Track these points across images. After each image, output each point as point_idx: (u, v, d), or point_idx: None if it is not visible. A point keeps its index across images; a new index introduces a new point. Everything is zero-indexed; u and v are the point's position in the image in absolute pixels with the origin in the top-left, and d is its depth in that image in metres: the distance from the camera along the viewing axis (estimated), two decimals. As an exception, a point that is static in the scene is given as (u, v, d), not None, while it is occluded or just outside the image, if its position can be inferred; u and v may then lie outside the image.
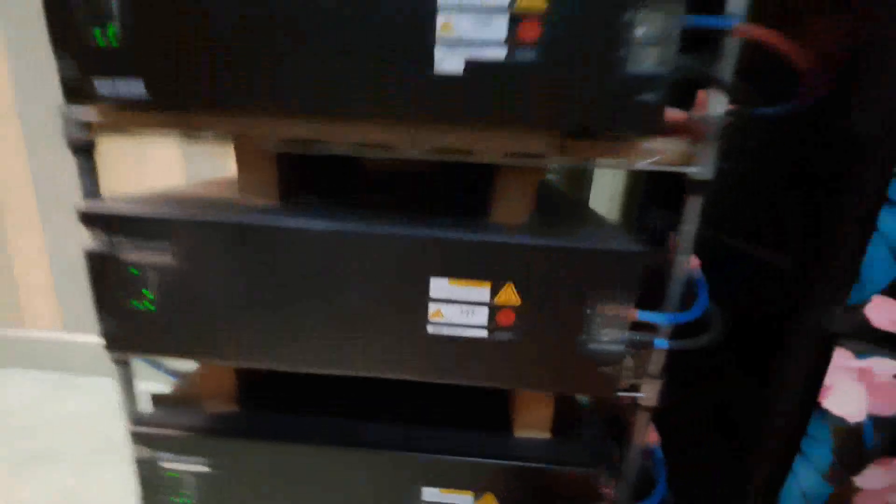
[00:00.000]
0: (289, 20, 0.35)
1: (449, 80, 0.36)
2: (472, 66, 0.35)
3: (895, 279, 0.34)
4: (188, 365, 0.58)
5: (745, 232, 0.51)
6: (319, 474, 0.48)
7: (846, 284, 0.36)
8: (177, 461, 0.48)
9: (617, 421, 0.55)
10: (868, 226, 0.34)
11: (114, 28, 0.35)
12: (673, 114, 0.44)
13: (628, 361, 0.51)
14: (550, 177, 0.84)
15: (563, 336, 0.41)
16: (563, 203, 0.58)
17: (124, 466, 0.80)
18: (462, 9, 0.34)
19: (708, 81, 0.37)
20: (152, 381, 0.63)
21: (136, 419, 0.48)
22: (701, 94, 0.40)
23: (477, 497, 0.48)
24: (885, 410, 0.36)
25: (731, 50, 0.37)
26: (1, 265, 1.00)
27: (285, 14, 0.35)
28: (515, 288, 0.40)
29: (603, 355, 0.41)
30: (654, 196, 0.75)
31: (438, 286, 0.40)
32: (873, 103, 0.35)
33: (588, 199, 0.85)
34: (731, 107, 0.43)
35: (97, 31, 0.36)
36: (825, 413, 0.38)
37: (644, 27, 0.33)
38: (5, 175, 0.94)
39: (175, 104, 0.38)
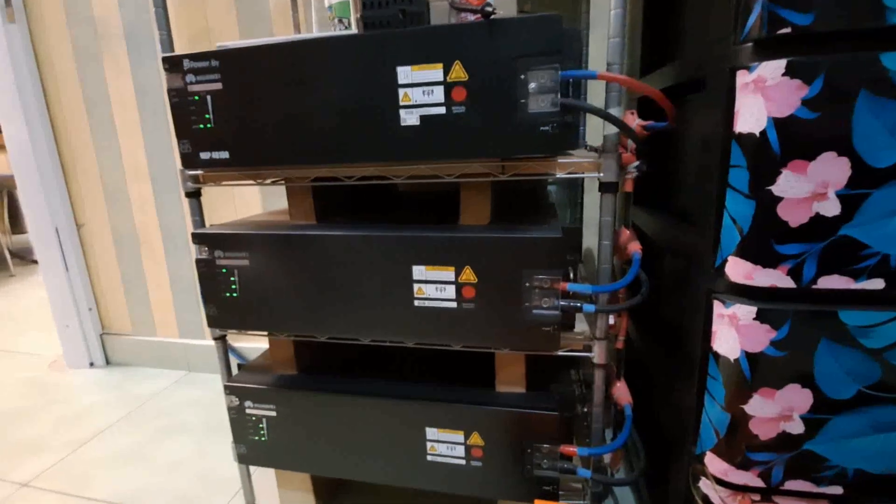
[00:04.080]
0: (311, 108, 0.55)
1: (411, 129, 0.53)
2: (425, 120, 0.52)
3: (738, 243, 0.44)
4: (259, 351, 0.79)
5: (672, 217, 0.62)
6: (354, 417, 0.65)
7: (713, 250, 0.47)
8: (255, 408, 0.68)
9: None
10: (720, 204, 0.45)
11: (210, 124, 0.58)
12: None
13: (586, 330, 0.64)
14: (550, 187, 0.97)
15: (510, 304, 0.55)
16: (530, 207, 0.72)
17: (230, 438, 1.04)
18: (414, 85, 0.52)
19: (594, 112, 0.50)
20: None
21: (229, 378, 0.70)
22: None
23: (466, 435, 0.62)
24: (753, 347, 0.45)
25: (613, 88, 0.51)
26: (139, 288, 1.32)
27: (308, 104, 0.55)
28: (472, 270, 0.55)
29: (543, 318, 0.55)
30: (635, 196, 0.86)
31: (418, 271, 0.57)
32: (713, 115, 0.47)
33: (581, 200, 0.97)
34: (640, 123, 0.56)
35: (200, 126, 0.58)
36: (715, 354, 0.48)
37: (534, 82, 0.49)
38: (142, 218, 1.27)
39: (246, 163, 0.59)
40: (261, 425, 0.68)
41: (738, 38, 0.42)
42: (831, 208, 0.41)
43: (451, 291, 0.56)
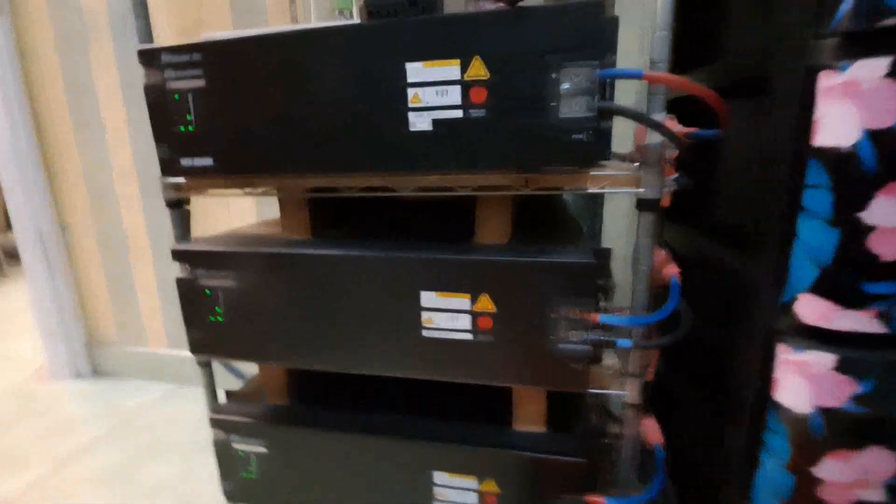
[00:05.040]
0: (306, 110, 0.48)
1: (421, 135, 0.46)
2: (438, 124, 0.45)
3: (817, 278, 0.37)
4: (254, 368, 0.72)
5: (712, 238, 0.54)
6: (353, 457, 0.58)
7: (778, 285, 0.39)
8: (244, 443, 0.61)
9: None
10: (789, 231, 0.38)
11: (192, 126, 0.51)
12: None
13: (614, 362, 0.56)
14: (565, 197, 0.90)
15: (534, 337, 0.48)
16: (551, 223, 0.65)
17: (215, 458, 0.97)
18: (426, 84, 0.44)
19: (638, 118, 0.43)
20: (228, 384, 0.79)
21: (214, 408, 0.63)
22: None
23: (480, 481, 0.55)
24: (829, 402, 0.38)
25: (657, 90, 0.43)
26: (127, 295, 1.25)
27: (303, 105, 0.48)
28: (491, 297, 0.48)
29: (571, 353, 0.48)
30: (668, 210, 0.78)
31: (428, 297, 0.50)
32: (778, 125, 0.39)
33: (601, 211, 0.89)
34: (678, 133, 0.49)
35: (181, 128, 0.51)
36: (778, 406, 0.41)
37: (568, 82, 0.41)
38: (129, 221, 1.20)
39: (232, 171, 0.52)
40: (250, 462, 0.61)
41: (822, 31, 0.34)
42: (937, 240, 0.33)
43: (465, 321, 0.49)
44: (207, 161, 0.52)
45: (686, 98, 0.55)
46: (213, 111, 0.51)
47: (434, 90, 0.44)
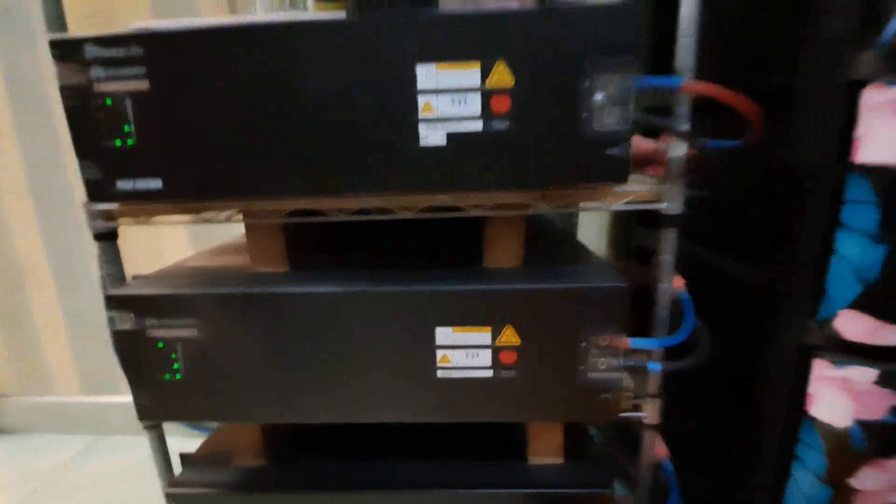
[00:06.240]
0: (288, 121, 0.39)
1: (434, 151, 0.39)
2: (455, 139, 0.39)
3: (859, 295, 0.37)
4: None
5: (726, 252, 0.54)
6: (348, 518, 0.50)
7: (813, 300, 0.39)
8: (213, 519, 0.51)
9: (628, 435, 0.58)
10: (826, 247, 0.37)
11: (131, 139, 0.40)
12: (644, 145, 0.47)
13: (628, 383, 0.54)
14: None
15: (562, 369, 0.44)
16: (551, 238, 0.61)
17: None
18: (440, 91, 0.38)
19: (667, 129, 0.40)
20: (179, 435, 0.67)
21: (170, 481, 0.51)
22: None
23: (498, 526, 0.50)
24: (870, 415, 0.39)
25: (685, 100, 0.41)
26: (26, 335, 1.04)
27: (284, 114, 0.39)
28: (514, 329, 0.43)
29: (602, 383, 0.44)
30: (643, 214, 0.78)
31: (443, 334, 0.43)
32: (812, 139, 0.39)
33: (576, 220, 0.88)
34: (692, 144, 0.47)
35: (117, 141, 0.40)
36: (813, 420, 0.41)
37: (602, 91, 0.37)
38: (24, 247, 0.99)
39: (188, 194, 0.42)
40: (221, 542, 0.51)
41: (867, 44, 0.33)
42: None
43: (486, 357, 0.44)
44: (155, 183, 0.42)
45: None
46: (162, 120, 0.40)
47: (450, 98, 0.38)
